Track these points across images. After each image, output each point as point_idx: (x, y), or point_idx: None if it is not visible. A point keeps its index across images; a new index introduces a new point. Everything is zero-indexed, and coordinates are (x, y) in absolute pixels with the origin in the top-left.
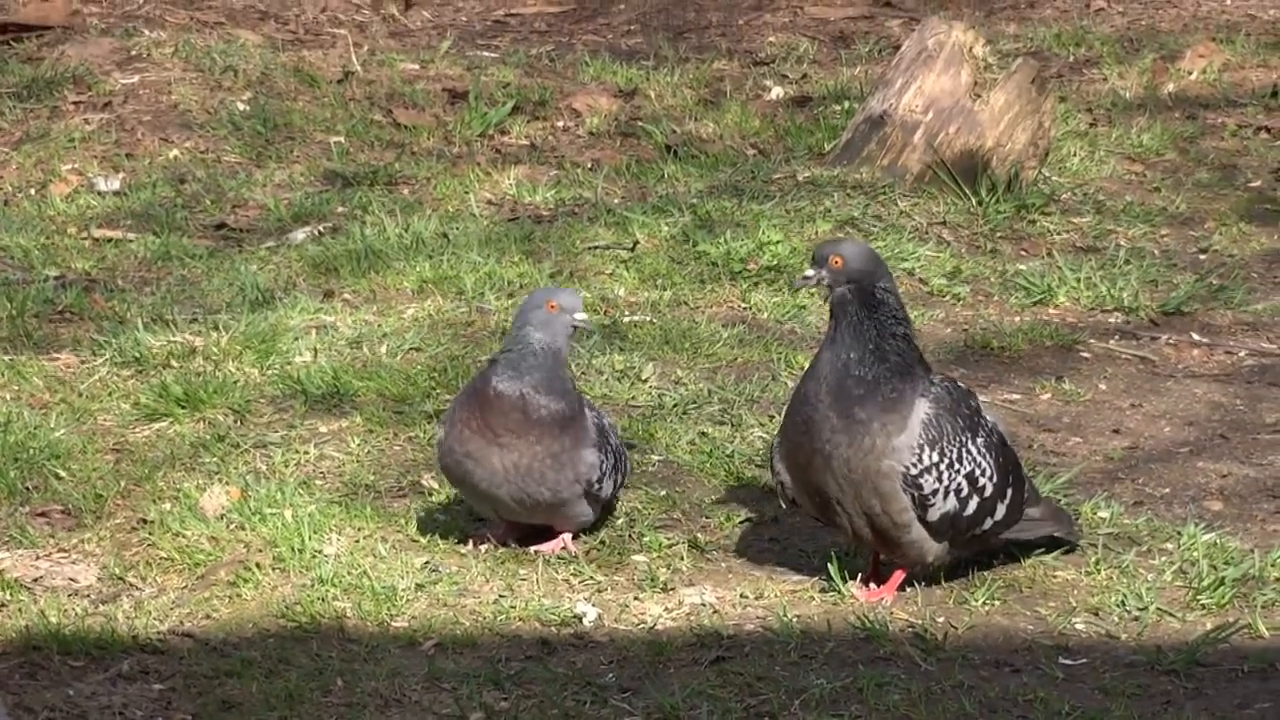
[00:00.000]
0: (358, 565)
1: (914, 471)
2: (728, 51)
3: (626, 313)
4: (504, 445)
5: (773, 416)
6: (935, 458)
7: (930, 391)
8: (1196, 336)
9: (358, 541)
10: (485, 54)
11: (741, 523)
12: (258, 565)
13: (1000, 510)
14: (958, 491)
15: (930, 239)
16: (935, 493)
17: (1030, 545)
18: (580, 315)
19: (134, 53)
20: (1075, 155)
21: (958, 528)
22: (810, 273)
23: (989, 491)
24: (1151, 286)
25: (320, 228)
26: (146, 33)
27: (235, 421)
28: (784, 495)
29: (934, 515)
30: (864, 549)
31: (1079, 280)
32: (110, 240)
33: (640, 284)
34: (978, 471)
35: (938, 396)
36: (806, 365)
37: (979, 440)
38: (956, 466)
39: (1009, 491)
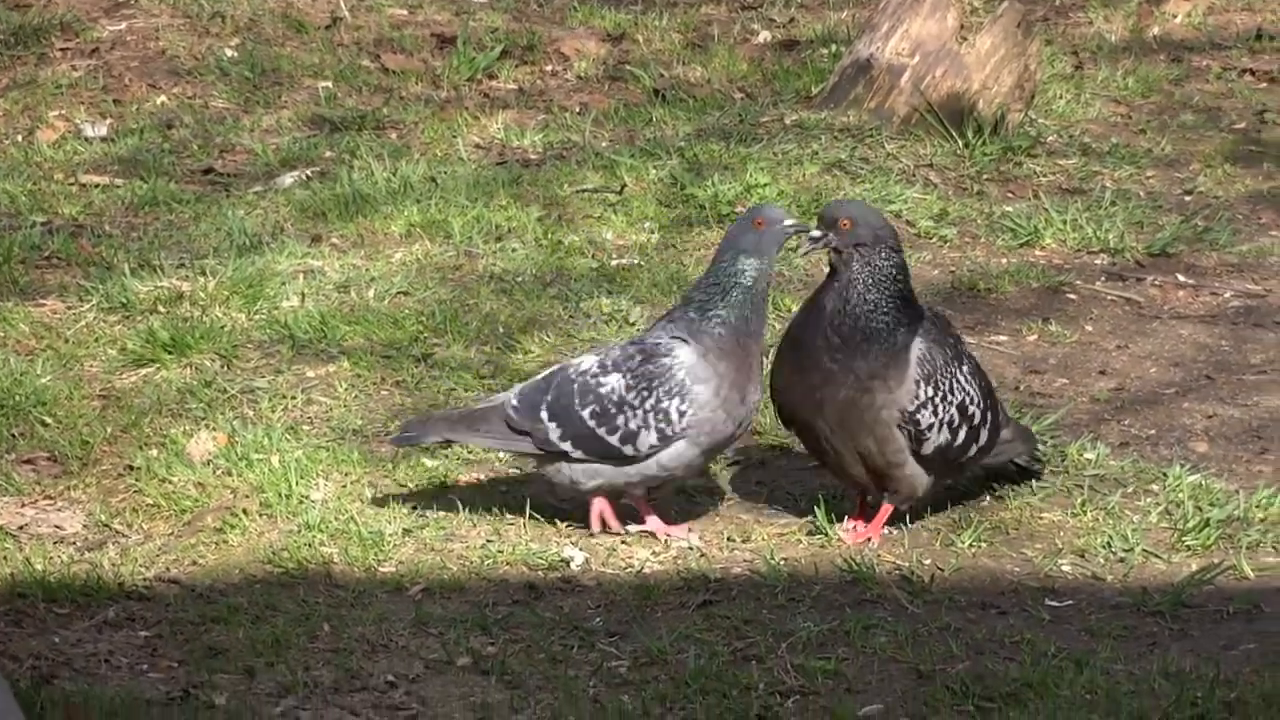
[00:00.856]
0: (345, 511)
1: (911, 408)
2: None
3: (614, 256)
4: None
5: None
6: (930, 392)
7: (921, 326)
8: (1182, 278)
9: (345, 487)
10: None
11: (728, 465)
12: (244, 511)
13: (983, 436)
14: (950, 423)
15: (917, 181)
16: (930, 427)
17: (999, 472)
18: (789, 221)
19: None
20: (1061, 98)
21: (948, 458)
22: (817, 233)
23: (977, 419)
24: (1137, 228)
25: (308, 173)
26: None
27: (222, 367)
28: (785, 424)
29: (928, 449)
30: (850, 490)
31: (1065, 222)
32: (97, 186)
33: (628, 227)
34: (967, 400)
35: (926, 330)
36: (794, 309)
37: (965, 368)
38: (949, 399)
39: (989, 416)
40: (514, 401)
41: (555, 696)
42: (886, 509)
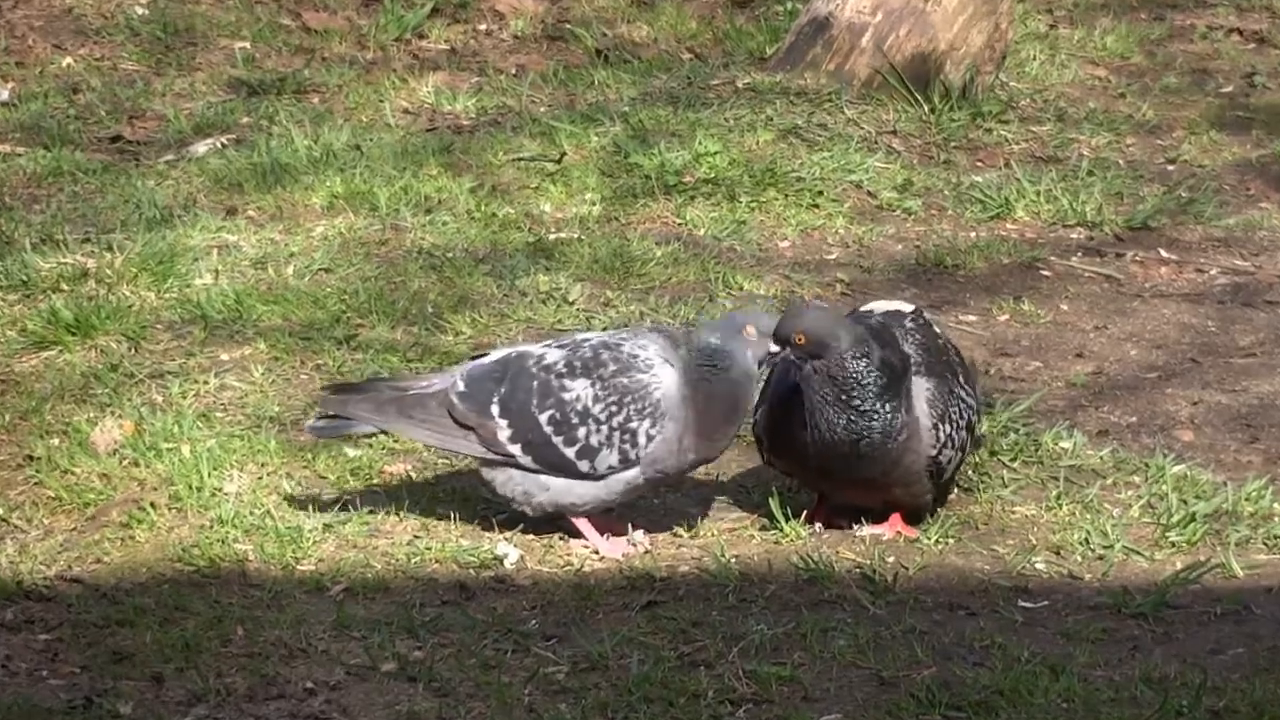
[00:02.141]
0: (260, 504)
1: (934, 453)
2: None
3: (553, 230)
4: None
5: None
6: (947, 430)
7: (916, 363)
8: (1165, 253)
9: (261, 479)
10: None
11: None
12: (152, 505)
13: (979, 432)
14: (961, 446)
15: (879, 149)
16: (949, 461)
17: None
18: (774, 348)
19: None
20: (1035, 59)
21: (955, 471)
22: (774, 349)
23: (975, 422)
24: (1116, 199)
25: (223, 140)
26: None
27: (129, 349)
28: (770, 465)
29: (945, 476)
30: (808, 488)
31: (1039, 193)
32: None
33: (568, 199)
34: (970, 414)
35: (917, 362)
36: (745, 288)
37: (960, 376)
38: (960, 422)
39: (979, 409)
40: (461, 386)
41: (487, 705)
42: (898, 515)
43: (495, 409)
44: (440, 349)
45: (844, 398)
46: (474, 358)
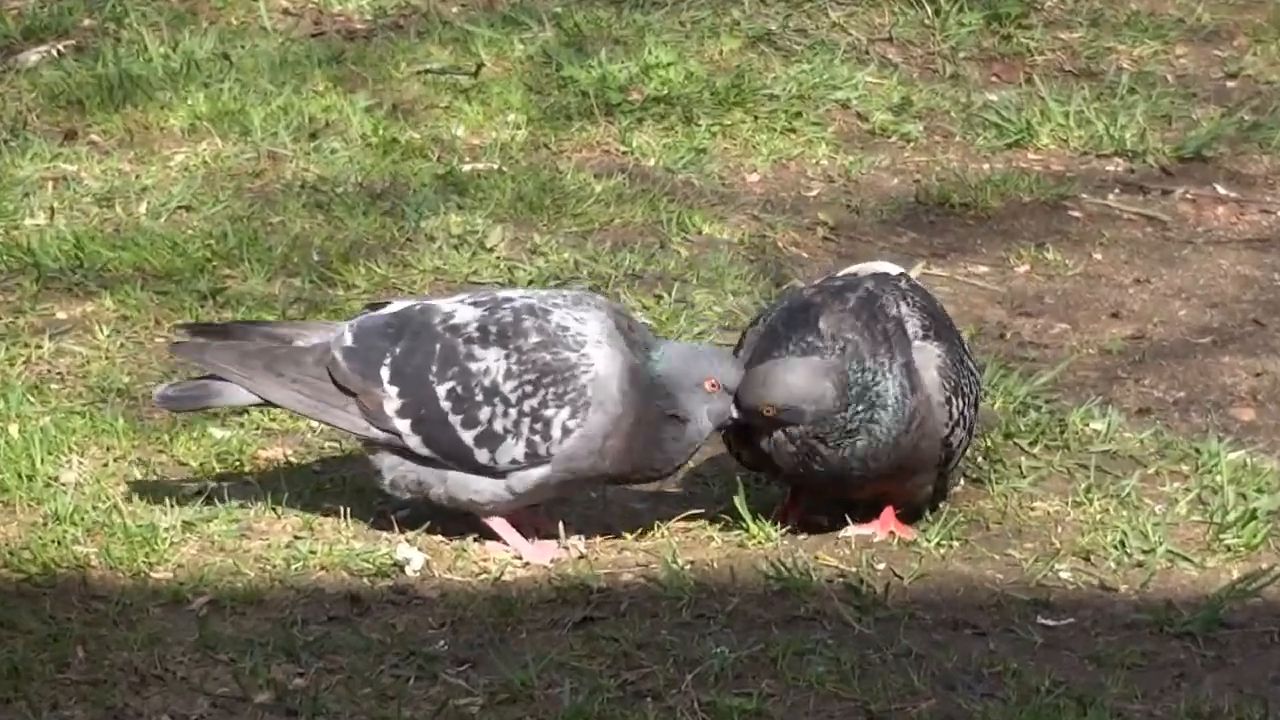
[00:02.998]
0: (106, 497)
1: (946, 432)
2: None
3: (467, 159)
4: None
5: (660, 297)
6: (960, 406)
7: (916, 327)
8: (1222, 189)
9: (106, 465)
10: None
11: None
12: None
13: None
14: (970, 427)
15: (871, 60)
16: (961, 442)
17: None
18: (734, 414)
19: None
20: None
21: (962, 451)
22: (735, 414)
23: (980, 398)
24: (1163, 123)
25: (60, 47)
26: None
27: None
28: (736, 458)
29: (953, 464)
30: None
31: (1067, 115)
32: None
33: (485, 121)
34: (977, 389)
35: (924, 324)
36: (705, 232)
37: (963, 345)
38: (970, 398)
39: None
40: (348, 341)
41: None
42: (890, 510)
43: (385, 373)
44: (328, 305)
45: (835, 443)
46: (370, 307)
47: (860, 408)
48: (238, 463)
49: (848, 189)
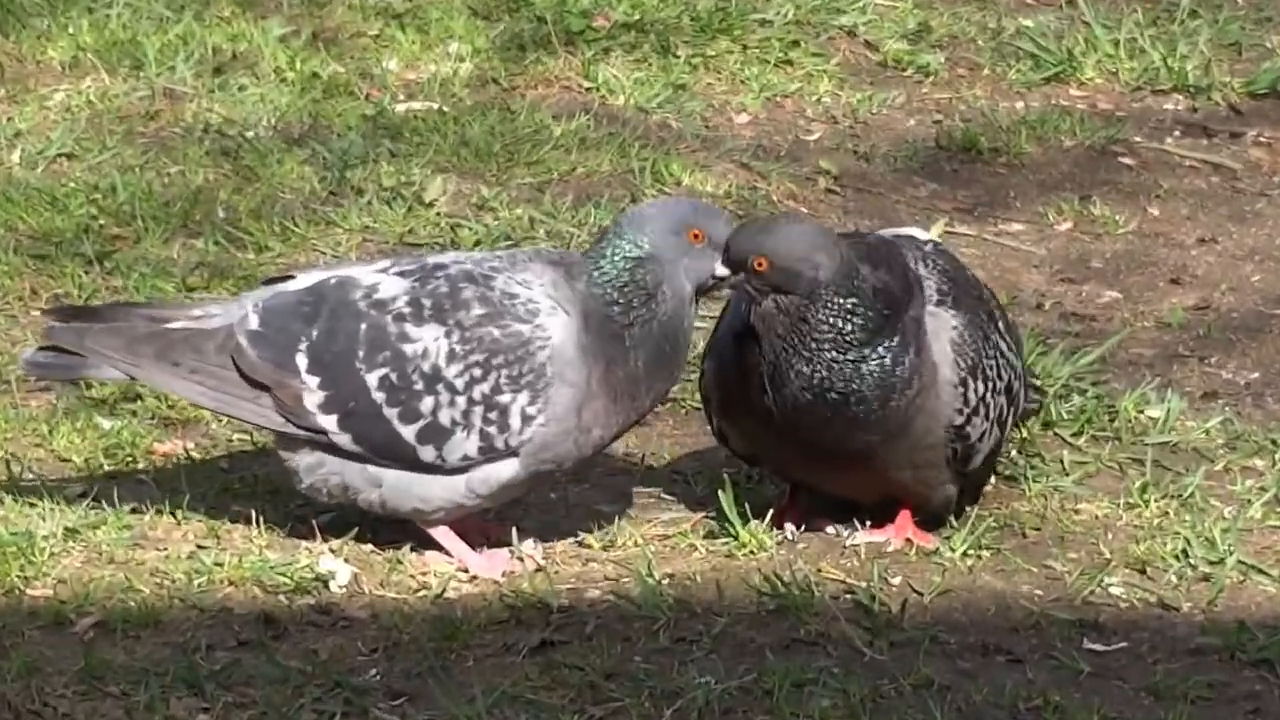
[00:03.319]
0: None
1: (959, 420)
2: None
3: (401, 98)
4: None
5: None
6: (980, 389)
7: (932, 290)
8: None
9: None
10: None
11: None
12: None
13: (1020, 405)
14: (999, 419)
15: None
16: (982, 435)
17: None
18: (721, 270)
19: None
20: None
21: (991, 460)
22: (721, 272)
23: (1017, 390)
24: (1231, 53)
25: None
26: None
27: None
28: (721, 439)
29: (977, 461)
30: (778, 478)
31: (1117, 43)
32: None
33: (423, 51)
34: (1011, 375)
35: (941, 289)
36: (685, 184)
37: (1000, 322)
38: (998, 384)
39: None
40: (253, 323)
41: None
42: (906, 513)
43: (302, 360)
44: (237, 272)
45: (817, 346)
46: (274, 281)
47: (856, 330)
48: (130, 459)
49: (855, 132)
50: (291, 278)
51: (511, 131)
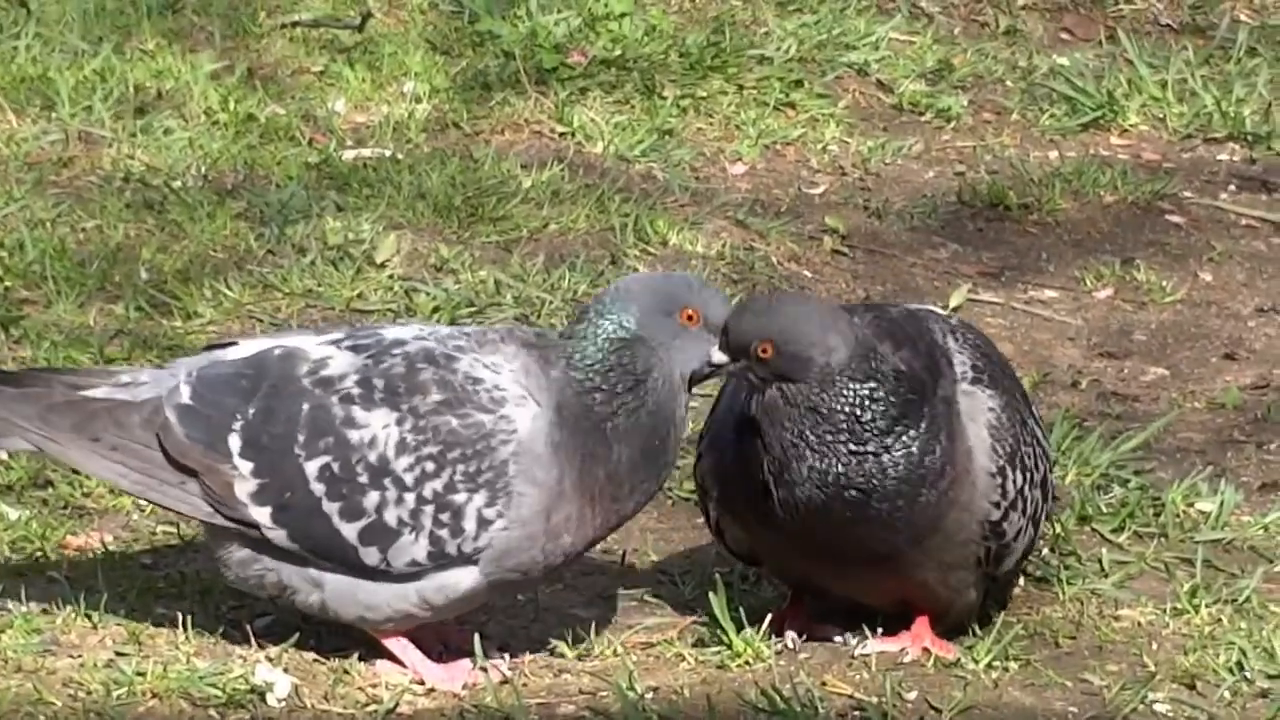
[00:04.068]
0: None
1: (996, 516)
2: None
3: (349, 144)
4: None
5: None
6: (1019, 480)
7: (966, 367)
8: None
9: None
10: None
11: None
12: None
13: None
14: (1034, 516)
15: (899, 9)
16: (1018, 534)
17: None
18: (718, 357)
19: None
20: None
21: (1022, 561)
22: (719, 359)
23: (1051, 483)
24: None
25: None
26: None
27: None
28: (718, 535)
29: (1010, 563)
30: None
31: (1164, 85)
32: None
33: (374, 91)
34: (1046, 466)
35: (976, 365)
36: (672, 244)
37: (1030, 406)
38: (1034, 474)
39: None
40: (184, 396)
41: None
42: (924, 619)
43: (235, 442)
44: (161, 341)
45: (833, 439)
46: (210, 349)
47: (877, 417)
48: (39, 553)
49: (865, 185)
50: (234, 344)
51: (475, 182)
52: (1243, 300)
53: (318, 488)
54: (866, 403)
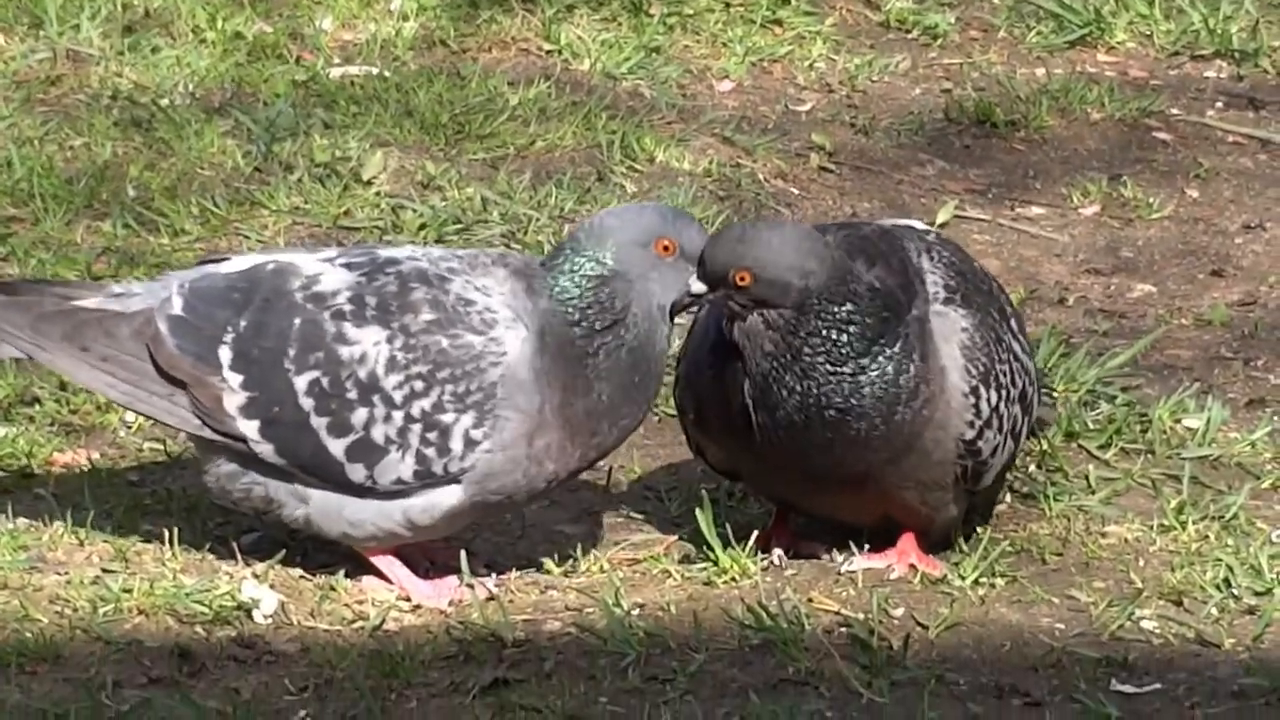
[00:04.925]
0: None
1: (970, 435)
2: None
3: (336, 61)
4: None
5: None
6: (993, 398)
7: (939, 286)
8: None
9: None
10: None
11: None
12: None
13: (1033, 414)
14: (1014, 430)
15: None
16: (995, 450)
17: None
18: (697, 286)
19: None
20: None
21: (1001, 475)
22: (698, 289)
23: (1030, 397)
24: None
25: None
26: None
27: None
28: (699, 454)
29: (989, 478)
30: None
31: (1151, 2)
32: None
33: (361, 9)
34: (1025, 380)
35: (949, 284)
36: (659, 161)
37: (1012, 320)
38: (1010, 390)
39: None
40: (176, 308)
41: None
42: (910, 535)
43: (226, 355)
44: (149, 258)
45: (811, 361)
46: (205, 262)
47: (854, 339)
48: (26, 470)
49: (853, 102)
50: (226, 258)
51: (461, 100)
52: (1230, 217)
53: (306, 403)
54: (843, 325)
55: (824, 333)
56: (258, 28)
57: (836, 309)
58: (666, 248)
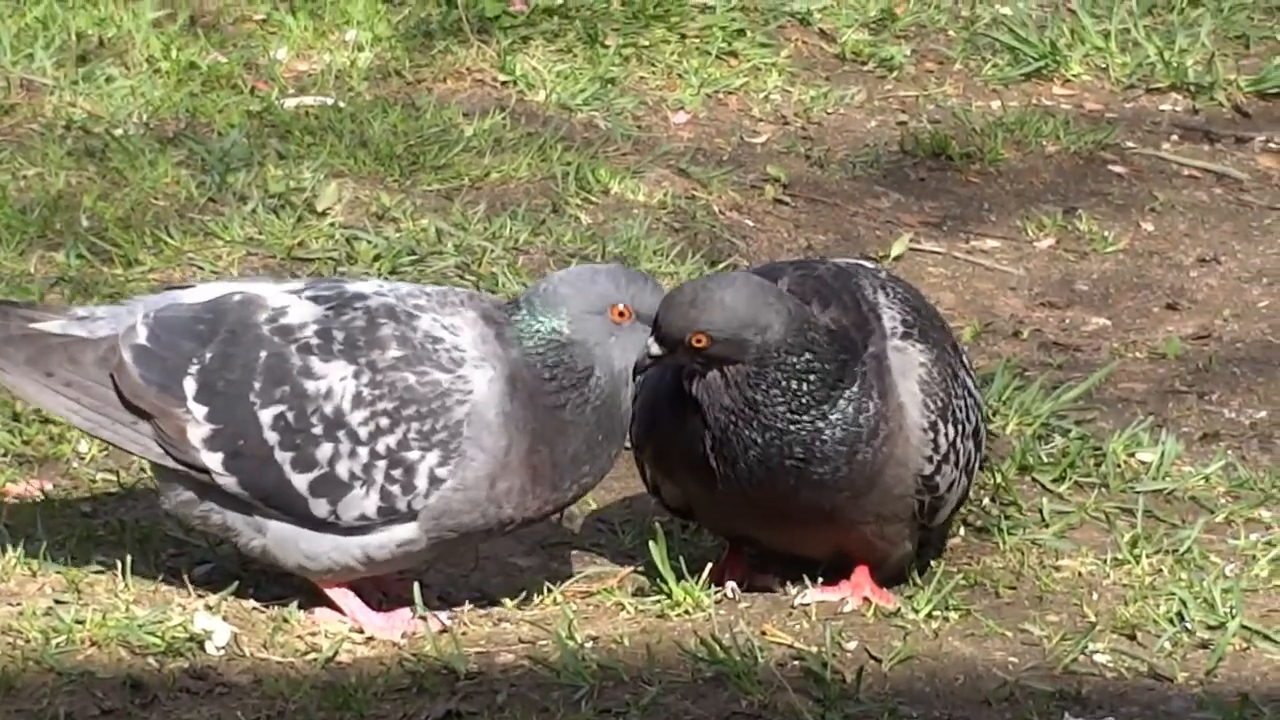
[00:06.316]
0: None
1: (929, 470)
2: None
3: (291, 92)
4: None
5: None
6: (950, 433)
7: (895, 322)
8: None
9: None
10: None
11: None
12: None
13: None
14: (968, 466)
15: None
16: (951, 485)
17: None
18: (655, 349)
19: None
20: None
21: (955, 511)
22: (656, 350)
23: (982, 434)
24: (1237, 46)
25: None
26: None
27: None
28: (654, 492)
29: (944, 514)
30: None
31: (1107, 34)
32: None
33: (316, 39)
34: (979, 417)
35: (906, 319)
36: (614, 193)
37: (962, 357)
38: (966, 427)
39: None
40: (140, 337)
41: None
42: (864, 569)
43: (190, 386)
44: (102, 289)
45: (771, 412)
46: (170, 290)
47: (814, 387)
48: None
49: (808, 134)
50: (188, 287)
51: (416, 131)
52: (1185, 250)
53: (271, 436)
54: (804, 374)
55: (784, 384)
56: (212, 58)
57: (795, 360)
58: (622, 313)
